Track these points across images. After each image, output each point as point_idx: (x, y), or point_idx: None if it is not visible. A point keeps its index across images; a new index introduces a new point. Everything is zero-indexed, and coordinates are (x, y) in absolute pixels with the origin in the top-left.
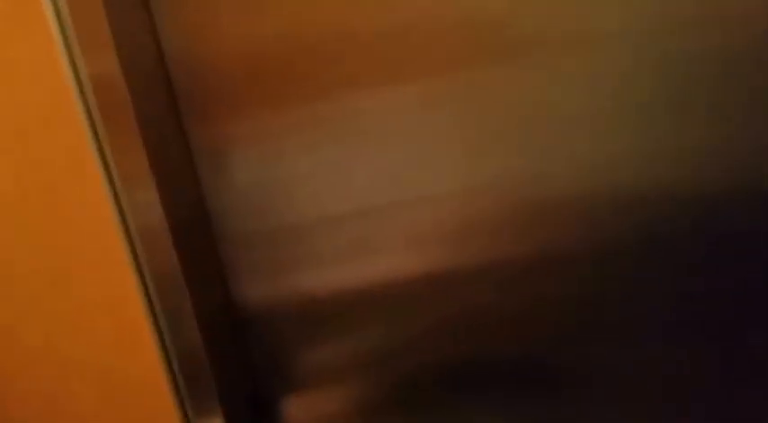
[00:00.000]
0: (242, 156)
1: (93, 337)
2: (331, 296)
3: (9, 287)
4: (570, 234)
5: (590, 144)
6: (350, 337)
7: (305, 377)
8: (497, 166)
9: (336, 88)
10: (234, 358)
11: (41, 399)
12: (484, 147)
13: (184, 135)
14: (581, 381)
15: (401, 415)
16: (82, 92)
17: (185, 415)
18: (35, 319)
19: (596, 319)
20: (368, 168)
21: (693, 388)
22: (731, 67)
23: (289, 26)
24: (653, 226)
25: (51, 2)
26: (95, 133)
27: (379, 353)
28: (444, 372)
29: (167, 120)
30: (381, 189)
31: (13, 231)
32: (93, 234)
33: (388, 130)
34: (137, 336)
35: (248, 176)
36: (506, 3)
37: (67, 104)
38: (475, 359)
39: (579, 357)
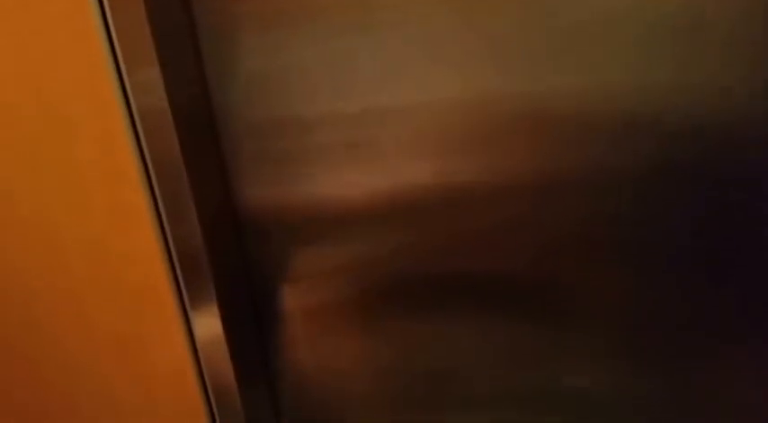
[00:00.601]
0: (248, 40)
1: (89, 214)
2: (330, 196)
3: (7, 155)
4: (579, 153)
5: (613, 61)
6: (347, 238)
7: (301, 273)
8: (512, 76)
9: None
10: (231, 249)
11: (34, 271)
12: (500, 53)
13: (190, 11)
14: (571, 303)
15: (391, 313)
16: None
17: (181, 301)
18: (32, 190)
19: (594, 243)
20: (379, 66)
21: (688, 327)
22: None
23: None
24: (664, 152)
25: None
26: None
27: (374, 255)
28: (438, 279)
29: None
30: (391, 89)
31: (12, 102)
32: (94, 108)
33: (404, 28)
34: (135, 218)
35: (253, 63)
36: None
37: None
38: (468, 270)
39: (572, 279)
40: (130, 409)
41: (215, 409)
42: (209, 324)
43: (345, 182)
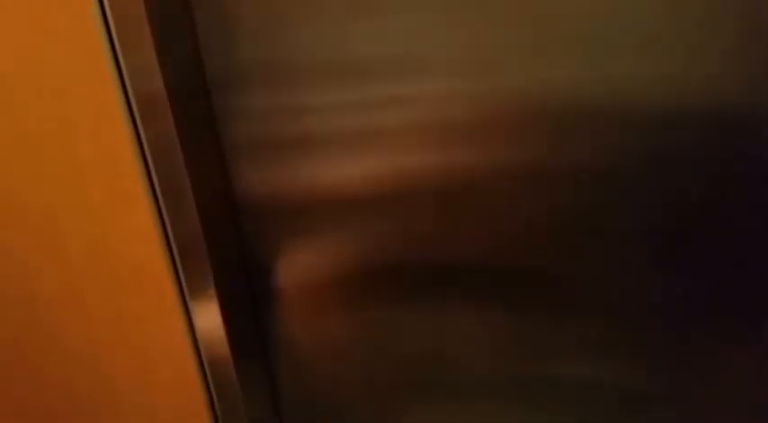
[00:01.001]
0: (247, 26)
1: (86, 201)
2: (328, 182)
3: (1, 144)
4: (577, 143)
5: (605, 53)
6: (345, 225)
7: (299, 259)
8: (508, 67)
9: None
10: (230, 236)
11: (33, 264)
12: (497, 45)
13: None
14: (568, 292)
15: (391, 300)
16: None
17: (180, 289)
18: (27, 178)
19: (591, 232)
20: (379, 54)
21: (680, 316)
22: None
23: None
24: (664, 145)
25: None
26: None
27: (372, 241)
28: (437, 266)
29: None
30: (390, 78)
31: (6, 91)
32: (90, 95)
33: (405, 16)
34: (132, 206)
35: (252, 49)
36: None
37: None
38: (465, 258)
39: (569, 268)
40: (131, 399)
41: (214, 397)
42: (207, 311)
43: (343, 169)
